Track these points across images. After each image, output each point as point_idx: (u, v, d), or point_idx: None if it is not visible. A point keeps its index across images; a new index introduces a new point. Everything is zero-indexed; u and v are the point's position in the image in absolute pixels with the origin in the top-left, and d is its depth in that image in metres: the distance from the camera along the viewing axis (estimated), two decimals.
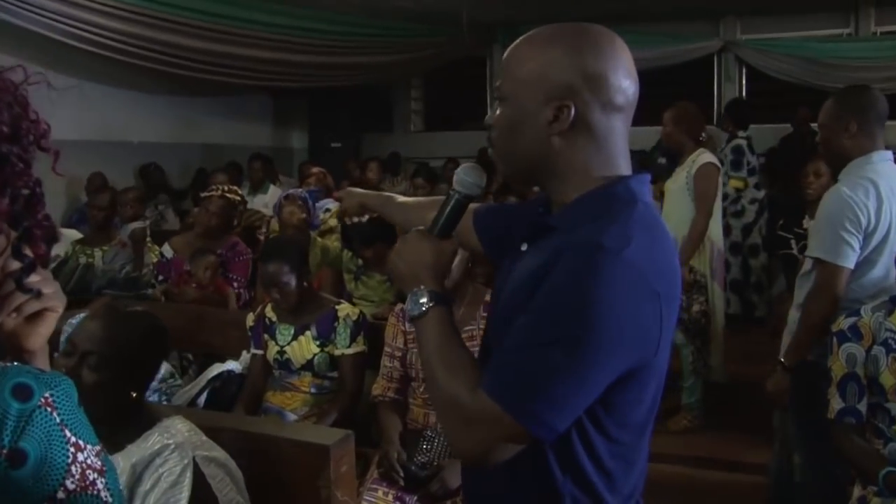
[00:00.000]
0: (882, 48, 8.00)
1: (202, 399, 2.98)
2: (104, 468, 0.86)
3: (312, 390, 2.90)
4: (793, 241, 4.41)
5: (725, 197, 5.12)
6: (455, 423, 1.15)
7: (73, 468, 0.83)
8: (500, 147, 1.22)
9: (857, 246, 2.52)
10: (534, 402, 1.07)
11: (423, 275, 1.24)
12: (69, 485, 0.82)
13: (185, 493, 1.59)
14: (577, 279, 1.06)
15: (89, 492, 0.83)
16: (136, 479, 1.62)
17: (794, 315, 2.74)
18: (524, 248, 1.24)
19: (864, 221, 2.51)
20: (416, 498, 2.48)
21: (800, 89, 7.98)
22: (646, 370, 1.15)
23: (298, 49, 7.35)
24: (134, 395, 1.72)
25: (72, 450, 0.83)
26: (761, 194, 5.79)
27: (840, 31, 8.27)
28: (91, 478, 0.84)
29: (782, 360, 2.71)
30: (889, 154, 2.64)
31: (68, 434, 0.83)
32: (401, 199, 1.73)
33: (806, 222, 4.13)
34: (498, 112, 1.21)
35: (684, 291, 4.00)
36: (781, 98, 8.21)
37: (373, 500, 2.45)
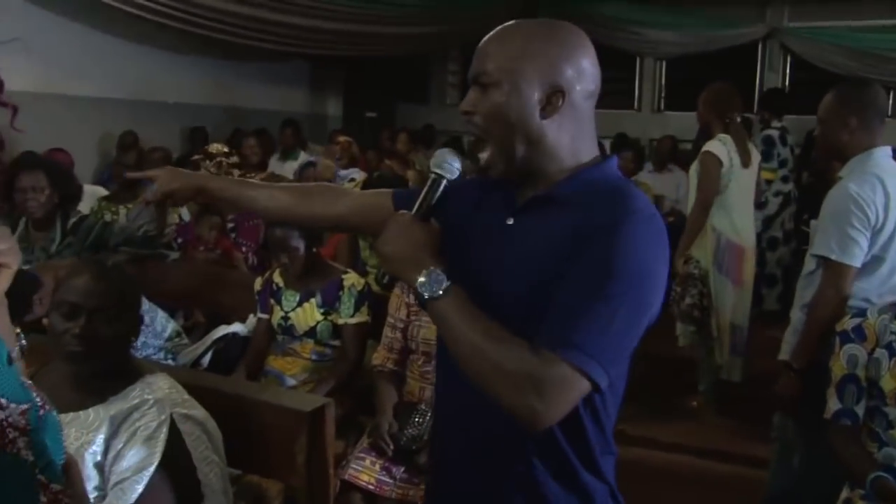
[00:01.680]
0: None
1: (206, 359, 3.04)
2: (29, 427, 0.86)
3: (313, 357, 2.94)
4: None
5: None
6: (525, 392, 1.12)
7: None
8: (494, 131, 1.28)
9: (864, 244, 2.47)
10: (603, 355, 1.14)
11: (424, 256, 1.23)
12: None
13: (158, 448, 1.62)
14: (632, 242, 1.17)
15: (7, 450, 0.84)
16: (112, 431, 1.65)
17: (796, 315, 2.69)
18: (510, 221, 1.30)
19: (872, 218, 2.46)
20: (402, 469, 2.51)
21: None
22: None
23: (335, 17, 7.34)
24: (133, 340, 1.83)
25: None
26: (788, 187, 5.64)
27: (892, 22, 8.01)
28: (11, 436, 0.84)
29: (790, 362, 2.67)
30: (889, 150, 2.59)
31: None
32: (260, 183, 1.64)
33: None
34: (485, 98, 1.28)
35: (679, 283, 3.98)
36: (827, 89, 7.99)
37: (360, 468, 2.49)
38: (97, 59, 6.35)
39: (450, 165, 1.31)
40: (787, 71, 8.47)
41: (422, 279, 1.20)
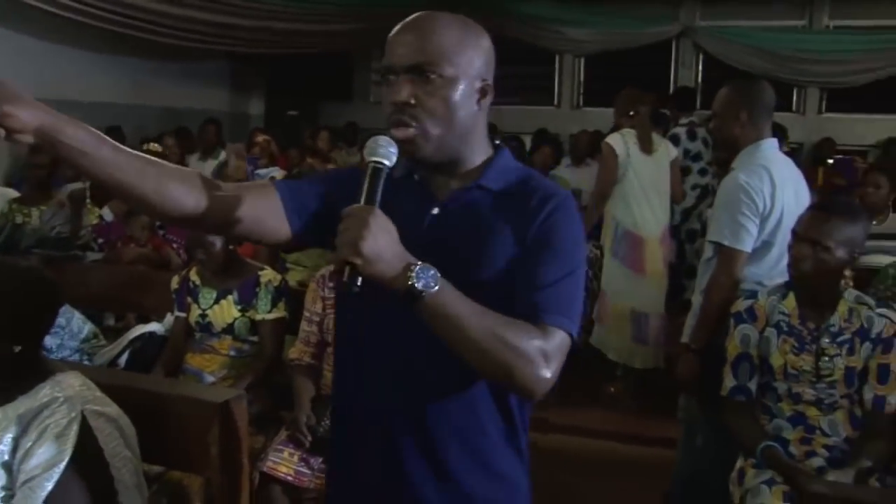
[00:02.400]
0: (836, 42, 8.13)
1: (123, 359, 3.02)
2: None
3: (232, 353, 2.95)
4: None
5: None
6: (536, 367, 1.21)
7: None
8: (437, 124, 1.28)
9: (754, 230, 2.64)
10: (577, 317, 1.29)
11: (403, 251, 1.17)
12: None
13: (69, 445, 1.61)
14: (570, 222, 1.32)
15: None
16: (21, 430, 1.64)
17: (696, 299, 2.83)
18: (436, 211, 1.34)
19: (760, 206, 2.63)
20: (321, 460, 2.55)
21: None
22: None
23: (256, 14, 7.30)
24: (18, 349, 1.70)
25: None
26: (705, 180, 5.78)
27: (795, 24, 8.39)
28: None
29: (689, 343, 2.81)
30: (776, 142, 2.78)
31: None
32: (133, 153, 1.24)
33: None
34: (430, 90, 1.27)
35: None
36: None
37: (279, 460, 2.53)
38: (5, 57, 6.17)
39: (386, 151, 1.21)
40: (700, 69, 8.78)
41: (412, 275, 1.14)
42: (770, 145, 2.75)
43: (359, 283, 1.13)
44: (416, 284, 1.14)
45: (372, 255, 1.12)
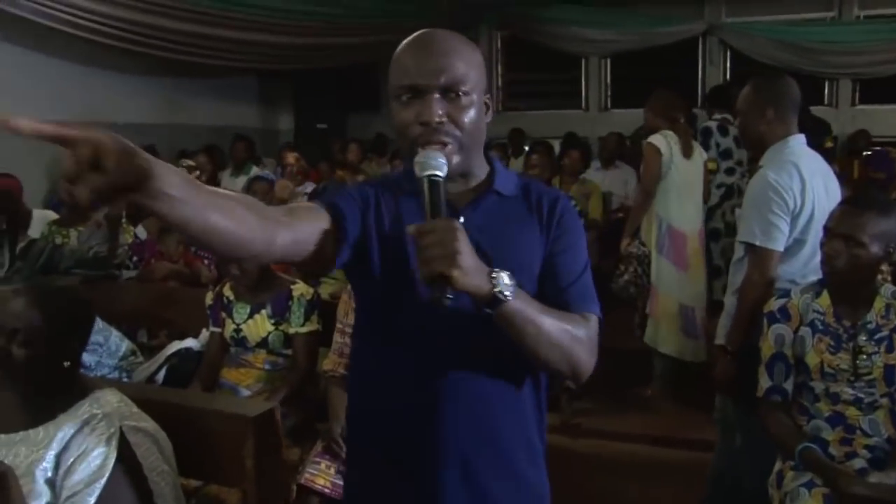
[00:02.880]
0: (865, 32, 8.01)
1: (161, 375, 3.07)
2: None
3: (266, 367, 2.98)
4: None
5: None
6: (588, 353, 1.36)
7: None
8: (469, 139, 1.36)
9: (785, 228, 2.61)
10: (597, 299, 1.42)
11: (480, 260, 1.22)
12: None
13: (109, 461, 1.66)
14: (575, 219, 1.47)
15: None
16: (63, 447, 1.69)
17: (730, 300, 2.80)
18: (462, 220, 1.30)
19: (790, 204, 2.60)
20: None
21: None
22: None
23: (282, 30, 7.40)
24: (67, 364, 1.78)
25: None
26: (731, 179, 5.69)
27: (824, 16, 8.28)
28: None
29: (725, 345, 2.78)
30: (803, 138, 2.74)
31: None
32: (232, 197, 1.16)
33: None
34: (461, 108, 1.34)
35: (620, 262, 4.28)
36: None
37: (315, 472, 2.55)
38: (39, 81, 6.32)
39: (438, 163, 1.27)
40: (728, 65, 8.70)
41: (496, 281, 1.21)
42: (798, 141, 2.71)
43: (450, 296, 1.16)
44: (502, 291, 1.21)
45: (468, 267, 1.16)
